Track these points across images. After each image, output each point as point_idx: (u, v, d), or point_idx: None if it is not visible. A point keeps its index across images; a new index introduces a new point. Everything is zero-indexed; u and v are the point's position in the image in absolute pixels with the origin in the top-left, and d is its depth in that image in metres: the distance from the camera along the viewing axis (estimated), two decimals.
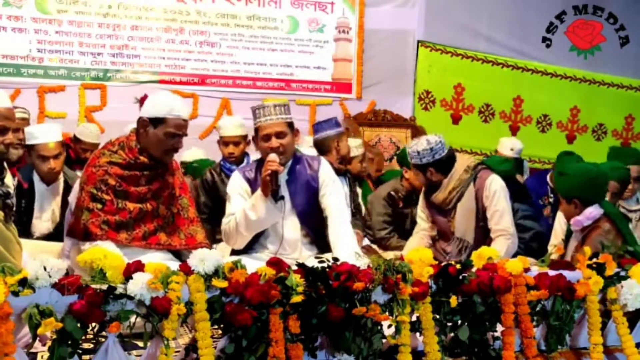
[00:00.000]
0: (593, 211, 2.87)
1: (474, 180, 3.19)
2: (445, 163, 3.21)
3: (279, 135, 2.82)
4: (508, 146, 5.11)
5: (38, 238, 3.54)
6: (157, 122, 2.65)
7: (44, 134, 3.60)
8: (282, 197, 2.77)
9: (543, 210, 4.44)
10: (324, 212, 2.91)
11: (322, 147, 3.95)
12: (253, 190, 2.87)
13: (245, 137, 4.09)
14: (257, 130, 2.89)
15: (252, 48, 6.22)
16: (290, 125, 2.89)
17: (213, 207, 3.92)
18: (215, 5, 6.12)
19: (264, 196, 2.73)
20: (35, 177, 3.62)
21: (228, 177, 4.00)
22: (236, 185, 2.96)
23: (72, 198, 2.84)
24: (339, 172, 3.89)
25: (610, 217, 2.85)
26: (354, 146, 4.70)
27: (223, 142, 4.07)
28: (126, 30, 5.89)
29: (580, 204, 2.92)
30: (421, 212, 3.46)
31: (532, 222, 3.83)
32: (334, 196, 2.92)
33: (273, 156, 2.74)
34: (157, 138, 2.66)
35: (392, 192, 4.00)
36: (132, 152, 2.70)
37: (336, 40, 6.46)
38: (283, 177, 2.86)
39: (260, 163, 2.92)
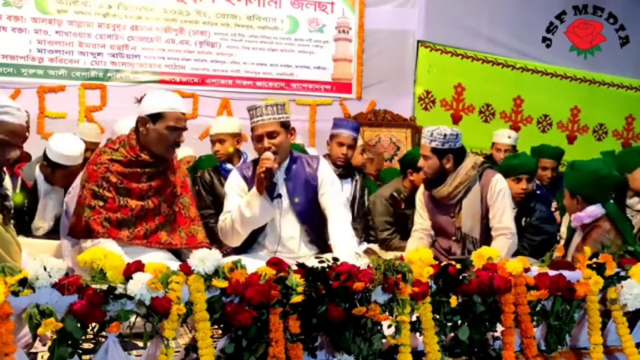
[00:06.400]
0: (595, 210, 2.87)
1: (480, 178, 3.20)
2: (462, 153, 3.23)
3: (270, 135, 2.83)
4: (505, 134, 5.16)
5: (41, 236, 3.54)
6: (156, 118, 2.68)
7: (76, 157, 3.55)
8: (279, 196, 2.78)
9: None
10: (323, 211, 2.92)
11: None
12: (250, 189, 2.88)
13: (234, 135, 4.06)
14: (252, 130, 2.91)
15: (252, 48, 6.23)
16: (284, 124, 2.89)
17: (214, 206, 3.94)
18: (215, 5, 6.12)
19: (259, 193, 2.74)
20: (39, 177, 3.61)
21: (224, 177, 4.02)
22: (233, 184, 2.97)
23: (69, 199, 2.84)
24: (346, 175, 3.92)
25: (611, 218, 2.85)
26: None
27: (210, 140, 4.09)
28: (126, 30, 5.89)
29: (583, 200, 2.92)
30: (420, 210, 3.44)
31: (548, 226, 3.79)
32: (334, 196, 2.93)
33: (268, 154, 2.76)
34: (158, 134, 2.68)
35: (395, 193, 4.01)
36: (134, 150, 2.71)
37: (336, 40, 6.46)
38: (281, 176, 2.88)
39: (257, 162, 2.93)
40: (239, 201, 2.85)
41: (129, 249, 2.57)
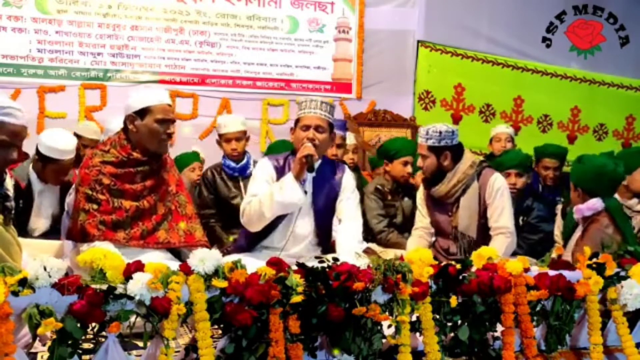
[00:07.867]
0: (595, 203, 2.88)
1: (477, 177, 3.20)
2: (459, 151, 3.23)
3: (318, 128, 2.86)
4: (502, 126, 5.24)
5: (38, 236, 3.53)
6: (143, 113, 2.68)
7: (68, 150, 3.56)
8: (305, 192, 2.80)
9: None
10: (337, 215, 2.97)
11: None
12: (279, 180, 2.89)
13: (245, 133, 4.09)
14: (298, 120, 2.93)
15: (252, 48, 6.22)
16: (331, 125, 2.93)
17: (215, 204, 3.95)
18: (215, 5, 6.12)
19: (296, 178, 2.75)
20: (33, 176, 3.59)
21: (229, 176, 4.03)
22: (264, 171, 2.97)
23: (71, 200, 2.84)
24: None
25: (610, 213, 2.86)
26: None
27: (225, 139, 4.06)
28: (126, 30, 5.89)
29: (584, 193, 2.94)
30: (421, 208, 3.45)
31: (546, 225, 3.80)
32: (352, 201, 2.99)
33: (309, 144, 2.79)
34: (148, 128, 2.68)
35: (378, 186, 4.02)
36: (125, 149, 2.71)
37: (336, 40, 6.46)
38: (310, 175, 2.88)
39: (290, 156, 2.97)
40: (268, 187, 2.85)
41: (126, 250, 2.55)
